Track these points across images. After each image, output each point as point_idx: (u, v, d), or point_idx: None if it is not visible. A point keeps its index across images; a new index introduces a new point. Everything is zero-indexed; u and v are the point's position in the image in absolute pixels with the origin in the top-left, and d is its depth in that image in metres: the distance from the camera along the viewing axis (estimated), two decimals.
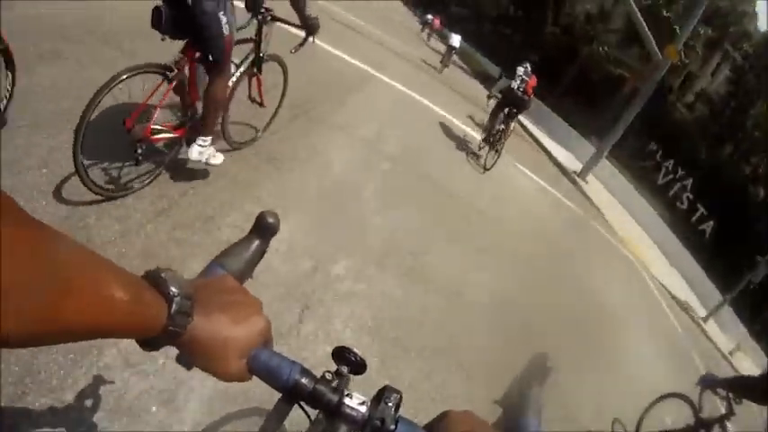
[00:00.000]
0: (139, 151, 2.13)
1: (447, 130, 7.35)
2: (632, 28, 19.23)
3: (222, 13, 2.12)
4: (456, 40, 15.96)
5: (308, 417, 0.57)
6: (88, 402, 1.29)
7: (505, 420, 2.64)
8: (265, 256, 0.60)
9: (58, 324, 0.32)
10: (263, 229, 0.59)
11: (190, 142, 2.45)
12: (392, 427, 0.51)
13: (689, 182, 12.05)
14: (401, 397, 0.54)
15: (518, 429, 0.56)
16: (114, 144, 2.18)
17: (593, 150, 11.45)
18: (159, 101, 2.09)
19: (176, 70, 2.11)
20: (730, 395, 2.85)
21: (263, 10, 2.59)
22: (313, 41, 2.81)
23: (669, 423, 3.21)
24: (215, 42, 2.17)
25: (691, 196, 11.55)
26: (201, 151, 2.45)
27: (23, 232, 0.30)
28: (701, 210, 14.07)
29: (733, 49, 16.58)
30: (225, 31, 2.15)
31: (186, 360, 0.49)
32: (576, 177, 10.69)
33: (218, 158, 2.57)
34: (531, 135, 12.55)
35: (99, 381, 1.41)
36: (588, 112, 16.96)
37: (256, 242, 0.58)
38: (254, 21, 2.61)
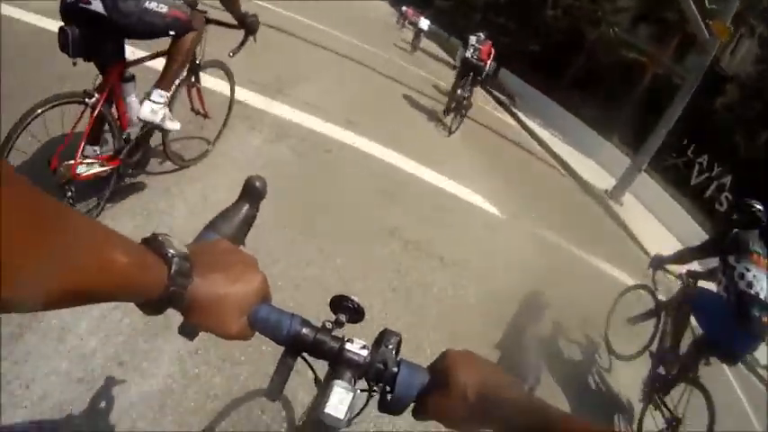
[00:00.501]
0: (69, 194, 2.10)
1: (414, 101, 9.39)
2: (644, 4, 19.52)
3: (145, 1, 2.07)
4: (424, 23, 19.64)
5: (312, 369, 0.67)
6: None
7: (504, 349, 2.89)
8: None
9: (60, 289, 0.37)
10: (251, 193, 0.68)
11: (125, 173, 2.42)
12: (394, 369, 0.59)
13: (727, 180, 11.74)
14: (401, 339, 0.62)
15: (518, 357, 0.71)
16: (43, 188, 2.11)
17: (619, 155, 10.87)
18: (84, 133, 2.03)
19: (97, 96, 2.07)
20: (682, 275, 3.60)
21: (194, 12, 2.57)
22: (254, 41, 2.85)
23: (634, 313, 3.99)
24: (164, 28, 2.20)
25: (729, 196, 11.18)
26: (155, 109, 2.39)
27: (25, 199, 0.34)
28: None
29: (758, 24, 16.64)
30: (163, 10, 2.13)
31: (189, 329, 0.56)
32: (608, 199, 9.41)
33: (174, 123, 2.55)
34: (542, 144, 11.95)
35: None
36: (603, 106, 16.75)
37: (245, 206, 0.67)
38: None
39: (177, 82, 2.62)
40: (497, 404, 0.55)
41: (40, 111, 1.91)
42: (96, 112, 2.08)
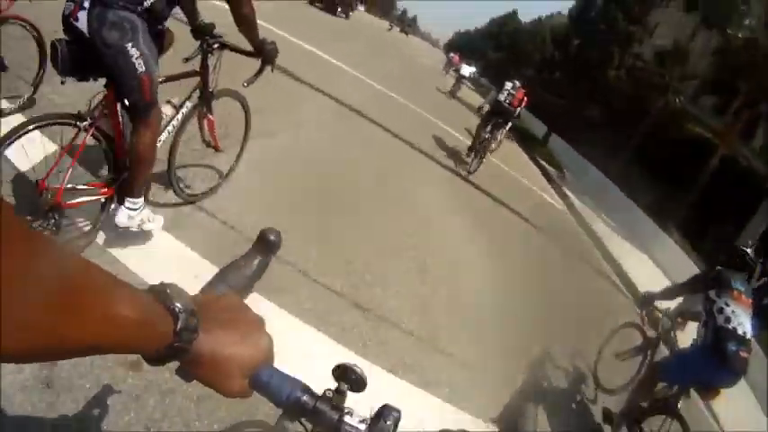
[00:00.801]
0: (53, 220, 2.12)
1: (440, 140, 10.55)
2: (716, 69, 17.70)
3: (131, 45, 2.09)
4: (466, 69, 21.45)
5: None
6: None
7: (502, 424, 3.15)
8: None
9: (61, 341, 0.39)
10: (265, 245, 0.74)
11: (122, 202, 2.45)
12: None
13: None
14: (400, 415, 0.64)
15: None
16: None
17: (680, 254, 9.97)
18: (74, 157, 2.07)
19: (89, 119, 2.12)
20: (669, 312, 4.14)
21: (208, 37, 2.64)
22: (272, 71, 2.85)
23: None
24: (128, 83, 2.16)
25: None
26: (131, 215, 2.43)
27: (25, 245, 0.36)
28: None
29: None
30: (138, 68, 2.14)
31: (187, 373, 0.59)
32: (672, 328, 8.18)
33: (154, 222, 2.56)
34: (588, 231, 10.93)
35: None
36: (664, 189, 15.36)
37: (258, 258, 0.73)
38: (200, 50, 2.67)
39: (185, 111, 2.70)
40: None
41: (32, 127, 1.97)
42: (87, 136, 2.13)
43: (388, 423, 0.63)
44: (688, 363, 3.52)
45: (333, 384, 0.67)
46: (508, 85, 9.41)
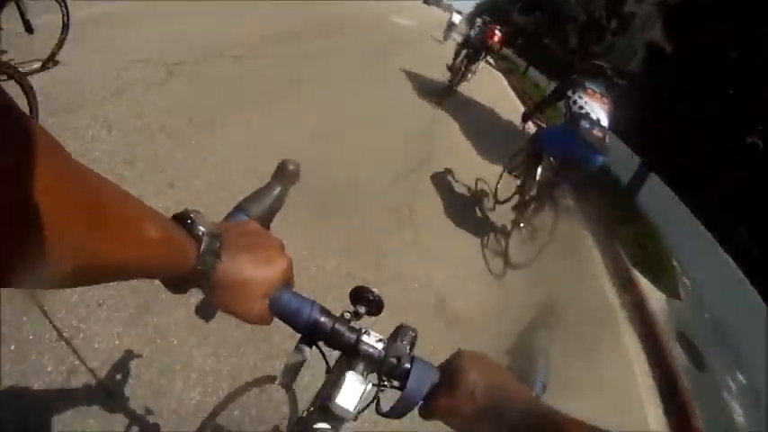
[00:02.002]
0: None
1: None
2: None
3: None
4: (456, 18, 20.51)
5: (325, 358, 0.71)
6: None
7: (514, 355, 3.09)
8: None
9: (94, 262, 0.39)
10: (284, 175, 0.74)
11: None
12: (407, 365, 0.64)
13: None
14: (416, 335, 0.68)
15: (526, 376, 0.67)
16: None
17: None
18: None
19: None
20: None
21: None
22: None
23: None
24: None
25: None
26: None
27: (66, 169, 0.35)
28: None
29: None
30: None
31: (206, 310, 0.63)
32: None
33: None
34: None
35: None
36: None
37: (277, 189, 0.72)
38: None
39: None
40: (505, 408, 0.59)
41: None
42: None
43: (404, 342, 0.66)
44: (555, 134, 4.50)
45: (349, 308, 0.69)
46: (478, 21, 10.17)
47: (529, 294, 4.19)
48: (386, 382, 0.66)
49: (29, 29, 3.60)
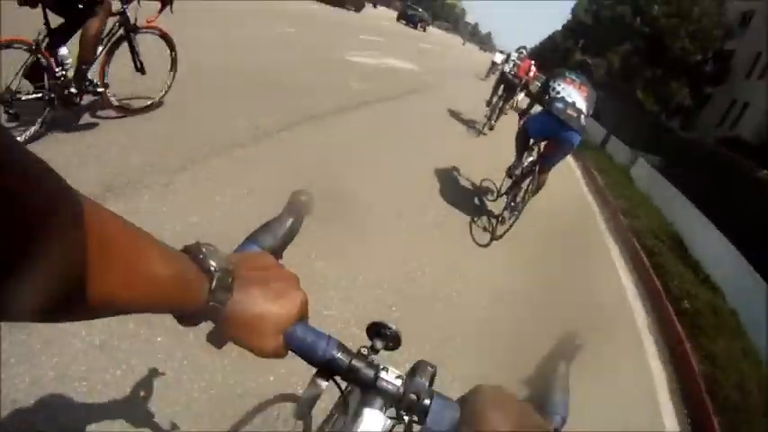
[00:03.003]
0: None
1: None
2: None
3: None
4: (498, 57, 20.43)
5: (342, 392, 0.72)
6: None
7: (532, 398, 3.45)
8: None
9: (101, 298, 0.40)
10: (297, 207, 0.74)
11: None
12: (427, 401, 0.63)
13: None
14: (435, 371, 0.66)
15: (545, 408, 0.69)
16: None
17: None
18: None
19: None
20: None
21: None
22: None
23: None
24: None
25: None
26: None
27: (71, 206, 0.36)
28: None
29: None
30: None
31: (218, 338, 0.61)
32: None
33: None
34: None
35: None
36: None
37: (290, 220, 0.72)
38: None
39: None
40: None
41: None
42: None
43: (423, 379, 0.64)
44: (537, 119, 5.21)
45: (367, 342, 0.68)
46: (514, 55, 10.54)
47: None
48: (405, 417, 0.64)
49: (142, 70, 4.13)
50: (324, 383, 0.64)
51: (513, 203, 5.37)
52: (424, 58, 20.08)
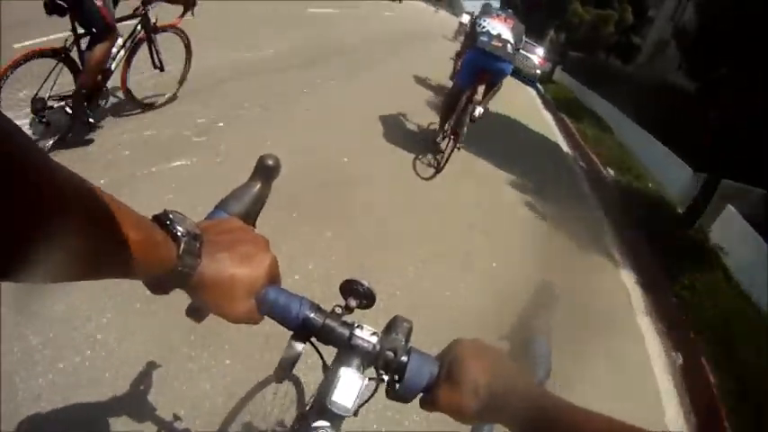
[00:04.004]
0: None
1: None
2: None
3: None
4: (465, 18, 21.19)
5: (320, 354, 0.72)
6: None
7: (514, 340, 3.07)
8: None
9: (73, 262, 0.40)
10: (263, 171, 0.72)
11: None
12: (404, 358, 0.63)
13: None
14: (411, 327, 0.67)
15: (527, 348, 0.68)
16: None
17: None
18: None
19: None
20: None
21: None
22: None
23: None
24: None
25: None
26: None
27: (46, 172, 0.36)
28: None
29: None
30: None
31: (196, 310, 0.62)
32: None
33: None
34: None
35: None
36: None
37: (257, 185, 0.71)
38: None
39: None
40: (507, 398, 0.59)
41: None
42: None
43: (399, 335, 0.64)
44: (466, 61, 5.45)
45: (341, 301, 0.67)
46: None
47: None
48: (384, 376, 0.64)
49: (161, 67, 4.22)
50: (300, 345, 0.64)
51: (452, 136, 5.61)
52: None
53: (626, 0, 20.80)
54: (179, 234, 0.53)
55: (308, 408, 0.79)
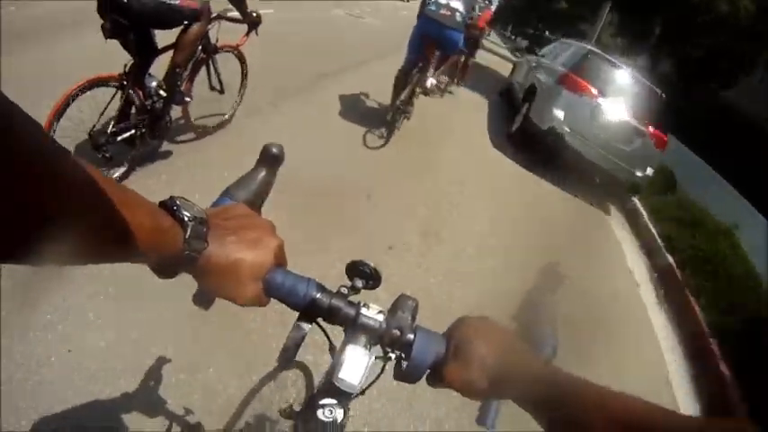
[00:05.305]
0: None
1: None
2: None
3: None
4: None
5: (327, 335, 0.71)
6: None
7: (520, 329, 3.08)
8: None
9: (84, 245, 0.41)
10: (268, 159, 0.74)
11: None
12: (410, 336, 0.63)
13: None
14: (417, 305, 0.66)
15: (532, 338, 0.68)
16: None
17: None
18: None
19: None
20: None
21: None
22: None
23: None
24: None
25: None
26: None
27: (61, 161, 0.38)
28: None
29: None
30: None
31: (203, 297, 0.62)
32: None
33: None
34: None
35: None
36: None
37: (262, 172, 0.72)
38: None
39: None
40: (514, 374, 0.60)
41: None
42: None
43: (405, 313, 0.65)
44: (415, 32, 5.37)
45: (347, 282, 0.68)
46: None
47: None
48: (390, 354, 0.65)
49: (221, 90, 4.01)
50: (307, 326, 0.64)
51: (402, 107, 5.53)
52: None
53: None
54: (186, 219, 0.53)
55: (316, 389, 0.79)
